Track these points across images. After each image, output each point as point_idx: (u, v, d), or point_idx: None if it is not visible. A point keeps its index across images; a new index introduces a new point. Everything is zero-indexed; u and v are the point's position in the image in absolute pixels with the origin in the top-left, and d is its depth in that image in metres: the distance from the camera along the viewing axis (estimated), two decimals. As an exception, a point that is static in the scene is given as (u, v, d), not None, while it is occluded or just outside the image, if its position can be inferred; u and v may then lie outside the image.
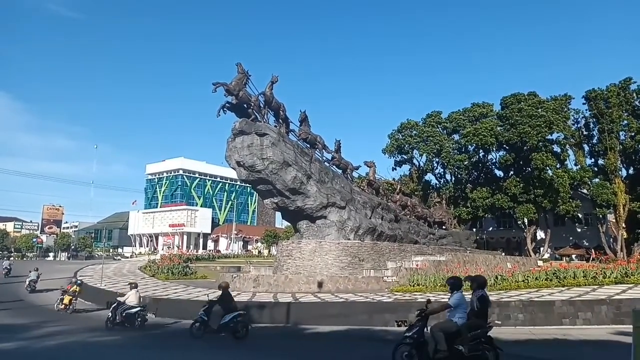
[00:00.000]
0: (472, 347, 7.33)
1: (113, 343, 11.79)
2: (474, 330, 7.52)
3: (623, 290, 14.76)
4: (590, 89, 53.61)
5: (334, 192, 22.12)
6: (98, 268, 29.35)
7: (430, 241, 36.58)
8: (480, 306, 7.70)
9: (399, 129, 62.32)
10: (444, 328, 7.63)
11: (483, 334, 7.54)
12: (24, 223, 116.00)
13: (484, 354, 7.38)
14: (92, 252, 77.31)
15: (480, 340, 7.48)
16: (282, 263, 21.29)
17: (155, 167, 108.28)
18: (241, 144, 19.34)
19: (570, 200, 51.08)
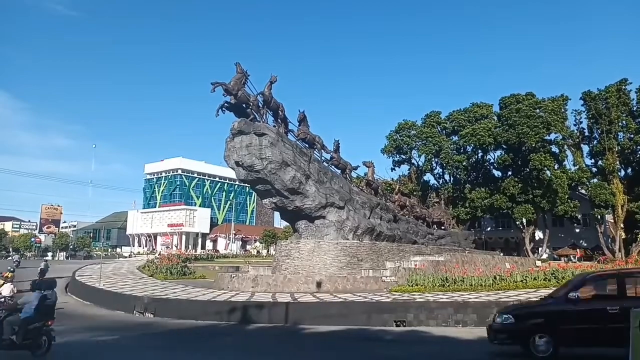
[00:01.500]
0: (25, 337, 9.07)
1: (112, 343, 11.78)
2: (32, 324, 9.16)
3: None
4: (587, 90, 53.79)
5: (333, 192, 22.13)
6: (97, 268, 29.29)
7: (429, 241, 36.61)
8: (42, 304, 9.40)
9: (396, 130, 62.43)
10: (10, 321, 9.20)
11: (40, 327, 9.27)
12: (22, 223, 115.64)
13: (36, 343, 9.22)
14: (90, 252, 77.15)
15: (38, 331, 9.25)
16: (280, 263, 21.29)
17: (154, 166, 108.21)
18: (240, 144, 19.34)
19: (569, 200, 51.22)
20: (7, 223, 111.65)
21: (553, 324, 8.90)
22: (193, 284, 22.36)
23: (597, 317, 8.62)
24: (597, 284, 9.42)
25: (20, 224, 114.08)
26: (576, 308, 8.82)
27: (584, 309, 8.80)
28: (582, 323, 8.74)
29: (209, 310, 16.09)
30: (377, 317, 14.16)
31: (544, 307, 9.77)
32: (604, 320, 8.50)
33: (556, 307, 9.29)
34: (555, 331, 8.81)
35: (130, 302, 18.54)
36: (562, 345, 8.88)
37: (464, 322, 13.44)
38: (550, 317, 9.05)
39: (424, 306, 14.25)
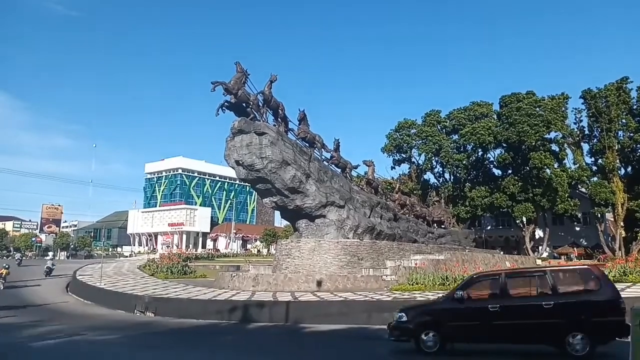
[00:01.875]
0: None
1: (112, 342, 11.81)
2: None
3: (622, 289, 14.71)
4: (587, 88, 53.76)
5: (333, 191, 22.15)
6: (97, 267, 29.35)
7: (429, 240, 36.64)
8: None
9: (396, 129, 62.46)
10: None
11: None
12: (23, 222, 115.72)
13: None
14: (91, 252, 77.19)
15: None
16: (281, 262, 21.32)
17: (154, 166, 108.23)
18: (240, 143, 19.36)
19: (569, 199, 51.24)
20: (8, 223, 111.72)
21: (440, 322, 9.35)
22: (194, 283, 22.42)
23: (479, 315, 9.04)
24: (482, 283, 9.81)
25: (21, 224, 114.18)
26: (461, 307, 9.25)
27: (468, 307, 9.23)
28: (465, 321, 9.20)
29: (210, 309, 16.13)
30: (378, 315, 14.17)
31: (433, 306, 10.46)
32: (486, 318, 8.90)
33: (443, 306, 9.85)
34: (442, 328, 9.26)
35: (131, 301, 18.58)
36: (448, 341, 9.33)
37: (464, 320, 13.44)
38: (438, 315, 9.53)
39: (424, 305, 14.27)
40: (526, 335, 8.89)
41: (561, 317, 8.49)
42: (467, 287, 9.72)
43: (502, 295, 9.17)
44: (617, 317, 8.33)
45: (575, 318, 8.46)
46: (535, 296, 9.09)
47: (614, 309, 8.43)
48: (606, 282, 9.00)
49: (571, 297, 8.84)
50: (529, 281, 9.54)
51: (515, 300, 9.16)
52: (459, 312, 9.28)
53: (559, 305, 8.54)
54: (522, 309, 8.97)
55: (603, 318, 8.42)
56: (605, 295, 8.63)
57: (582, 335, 8.30)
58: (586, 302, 8.65)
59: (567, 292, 9.06)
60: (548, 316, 8.54)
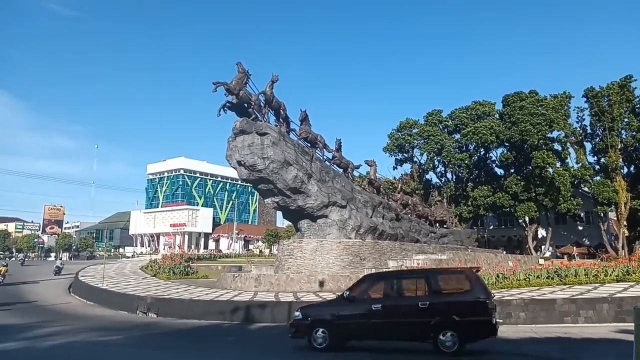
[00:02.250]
0: None
1: (115, 343, 11.80)
2: None
3: (625, 288, 14.74)
4: (589, 87, 53.59)
5: (335, 191, 22.12)
6: (100, 268, 29.39)
7: (432, 240, 36.58)
8: None
9: (398, 128, 62.42)
10: None
11: None
12: (26, 223, 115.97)
13: None
14: (93, 252, 77.38)
15: None
16: (283, 262, 21.30)
17: (156, 166, 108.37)
18: (242, 144, 19.35)
19: (572, 198, 51.11)
20: (10, 224, 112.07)
21: (329, 320, 9.88)
22: (196, 284, 22.41)
23: (364, 313, 9.60)
24: (369, 284, 10.31)
25: (24, 225, 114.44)
26: (348, 306, 9.85)
27: (355, 306, 9.79)
28: (352, 319, 9.77)
29: (212, 310, 16.12)
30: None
31: (325, 305, 11.34)
32: (370, 316, 9.49)
33: (333, 305, 10.59)
34: (331, 326, 9.77)
35: (133, 302, 18.59)
36: (337, 338, 9.77)
37: (467, 320, 13.41)
38: (328, 314, 10.11)
39: (426, 305, 14.22)
40: (404, 333, 9.48)
41: (434, 316, 9.04)
42: (355, 287, 10.32)
43: (385, 296, 9.83)
44: (484, 317, 8.96)
45: (446, 317, 8.98)
46: (414, 297, 9.59)
47: (482, 310, 8.97)
48: (478, 284, 9.44)
49: (444, 298, 9.42)
50: (410, 282, 10.09)
51: (396, 300, 9.76)
52: (347, 311, 9.84)
53: (432, 305, 9.11)
54: (401, 308, 9.57)
55: (471, 318, 8.97)
56: (474, 297, 9.12)
57: (452, 333, 8.86)
58: (457, 303, 9.24)
59: (442, 293, 9.60)
60: (423, 315, 9.10)
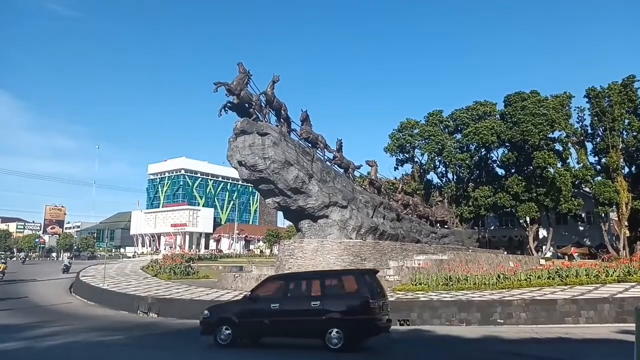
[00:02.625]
0: None
1: (115, 343, 11.81)
2: None
3: (626, 288, 14.74)
4: (591, 87, 53.49)
5: (336, 191, 22.11)
6: (100, 268, 29.42)
7: (433, 240, 36.55)
8: None
9: (399, 129, 62.35)
10: None
11: None
12: (27, 223, 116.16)
13: None
14: (94, 252, 77.45)
15: None
16: (284, 262, 21.29)
17: (157, 167, 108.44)
18: (243, 144, 19.35)
19: (573, 198, 51.02)
20: (11, 224, 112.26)
21: (233, 319, 10.60)
22: (196, 284, 22.43)
23: (264, 313, 10.37)
24: (271, 285, 11.14)
25: (25, 225, 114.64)
26: (251, 305, 10.63)
27: (256, 306, 10.55)
28: (253, 318, 10.50)
29: (213, 310, 16.09)
30: (381, 316, 14.15)
31: (230, 305, 12.28)
32: (269, 315, 10.28)
33: (237, 305, 11.51)
34: (234, 324, 10.51)
35: (134, 302, 18.62)
36: (240, 335, 10.55)
37: (468, 321, 13.42)
38: (232, 313, 10.85)
39: (427, 305, 14.25)
40: (298, 330, 10.27)
41: (324, 315, 9.77)
42: (257, 288, 11.16)
43: (283, 296, 10.56)
44: (368, 317, 9.65)
45: (333, 316, 9.71)
46: (307, 297, 10.28)
47: (366, 310, 9.64)
48: (365, 286, 10.01)
49: (333, 299, 10.10)
50: (305, 284, 10.73)
51: (292, 300, 10.51)
52: (249, 310, 10.61)
53: (323, 304, 9.88)
54: (296, 308, 10.27)
55: (356, 317, 9.66)
56: (360, 297, 9.80)
57: (338, 330, 9.58)
58: (344, 303, 9.94)
59: (332, 294, 10.31)
60: (314, 314, 9.86)
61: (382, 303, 10.00)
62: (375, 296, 9.86)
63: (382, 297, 10.27)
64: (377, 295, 9.97)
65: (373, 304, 9.63)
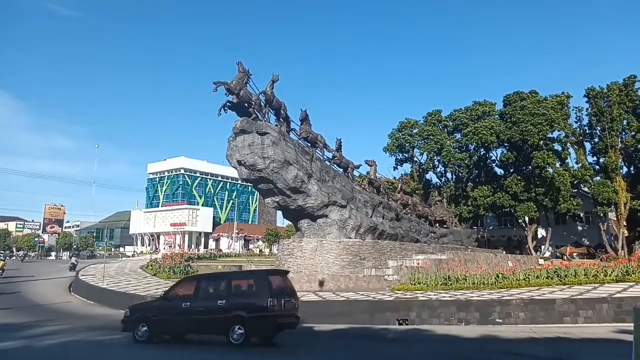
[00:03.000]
0: None
1: (115, 342, 11.82)
2: None
3: (624, 288, 14.77)
4: (591, 87, 53.52)
5: (335, 191, 22.13)
6: (100, 267, 29.42)
7: (431, 240, 36.58)
8: None
9: (398, 128, 62.36)
10: None
11: None
12: (26, 222, 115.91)
13: None
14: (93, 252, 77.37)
15: None
16: (283, 262, 21.31)
17: (157, 166, 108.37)
18: (242, 143, 19.35)
19: (571, 198, 51.05)
20: (10, 223, 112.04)
21: (150, 317, 11.34)
22: (196, 283, 22.39)
23: (177, 311, 11.07)
24: (185, 285, 11.88)
25: (24, 224, 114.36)
26: (166, 304, 11.41)
27: (170, 305, 11.28)
28: (168, 316, 11.20)
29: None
30: (380, 315, 14.19)
31: (148, 303, 12.97)
32: (181, 313, 10.97)
33: (154, 304, 12.15)
34: (151, 322, 11.23)
35: (134, 301, 18.54)
36: (155, 332, 11.25)
37: (467, 320, 13.45)
38: (149, 311, 11.59)
39: (426, 305, 14.27)
40: (207, 327, 10.94)
41: (229, 313, 10.45)
42: (172, 288, 11.96)
43: (194, 295, 11.15)
44: (266, 315, 10.25)
45: (236, 314, 10.37)
46: (215, 296, 10.93)
47: (264, 309, 10.23)
48: (265, 286, 10.64)
49: (237, 298, 10.75)
50: (214, 284, 11.47)
51: (202, 299, 11.03)
52: (164, 308, 11.35)
53: (228, 303, 10.53)
54: (204, 306, 10.87)
55: (256, 315, 10.30)
56: (260, 298, 10.42)
57: (240, 327, 10.29)
58: (245, 302, 10.56)
59: (236, 293, 11.00)
60: (220, 312, 10.54)
61: (284, 302, 10.53)
62: (276, 296, 10.42)
63: (286, 296, 10.77)
64: (279, 295, 10.54)
65: (272, 303, 10.21)
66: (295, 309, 11.11)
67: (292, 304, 10.88)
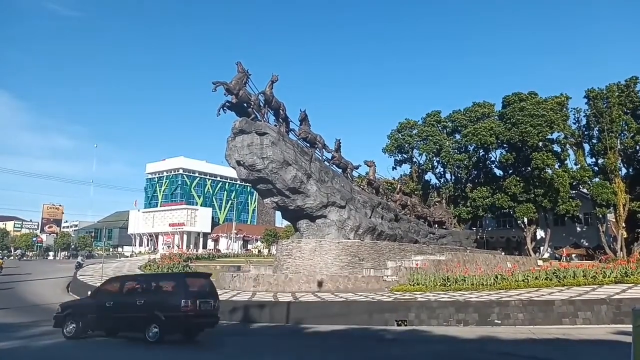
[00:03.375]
0: None
1: (113, 342, 11.79)
2: None
3: (623, 289, 14.75)
4: (591, 88, 53.58)
5: (334, 191, 22.12)
6: (98, 267, 29.37)
7: (430, 241, 36.59)
8: None
9: (398, 129, 62.39)
10: None
11: None
12: (24, 222, 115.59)
13: None
14: (92, 252, 77.24)
15: None
16: (282, 262, 21.29)
17: (155, 166, 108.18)
18: (241, 143, 19.35)
19: (570, 199, 51.10)
20: (8, 222, 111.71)
21: (78, 314, 11.98)
22: (194, 284, 22.35)
23: (102, 309, 11.62)
24: (111, 284, 12.62)
25: (22, 224, 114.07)
26: (93, 302, 12.06)
27: (96, 303, 11.89)
28: (94, 313, 11.80)
29: (210, 309, 16.06)
30: (379, 316, 14.16)
31: (78, 301, 13.96)
32: (105, 311, 11.59)
33: (82, 302, 12.96)
34: (79, 319, 11.85)
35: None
36: (83, 329, 11.86)
37: (466, 321, 13.43)
38: (78, 309, 12.31)
39: (425, 305, 14.24)
40: (127, 325, 11.57)
41: (145, 312, 11.05)
42: (99, 287, 12.66)
43: (118, 294, 11.87)
44: (180, 315, 10.83)
45: (153, 313, 10.97)
46: (135, 296, 11.58)
47: (178, 309, 10.79)
48: (181, 288, 11.31)
49: (154, 298, 11.30)
50: (136, 284, 12.24)
51: (123, 298, 11.68)
52: (91, 307, 11.96)
53: (146, 303, 11.15)
54: (125, 305, 11.46)
55: (169, 314, 10.86)
56: (176, 299, 10.95)
57: (155, 325, 10.91)
58: (161, 302, 11.10)
59: (154, 294, 11.52)
60: (139, 311, 11.13)
61: (199, 303, 11.08)
62: (191, 297, 10.97)
63: (203, 298, 11.34)
64: (195, 297, 11.09)
65: (185, 304, 10.79)
66: (214, 310, 11.73)
67: (209, 305, 11.49)
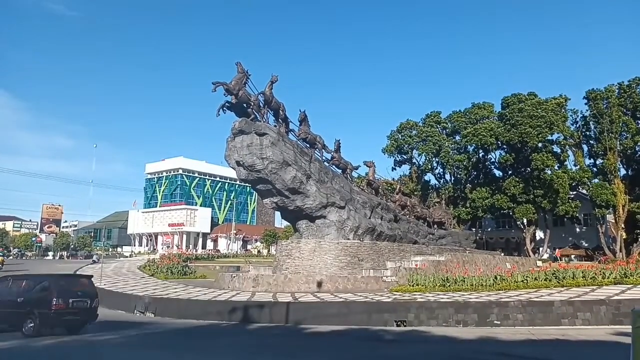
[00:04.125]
0: None
1: (112, 342, 11.79)
2: None
3: (622, 290, 14.77)
4: (591, 89, 53.59)
5: (334, 191, 22.12)
6: (97, 267, 29.35)
7: (430, 241, 36.59)
8: None
9: (398, 129, 62.37)
10: None
11: None
12: (23, 222, 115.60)
13: None
14: (91, 252, 77.19)
15: None
16: (281, 263, 21.28)
17: (155, 166, 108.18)
18: (241, 144, 19.34)
19: (570, 200, 51.12)
20: (8, 222, 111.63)
21: None
22: (194, 284, 22.39)
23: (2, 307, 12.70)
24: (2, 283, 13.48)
25: (21, 224, 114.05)
26: None
27: None
28: None
29: (210, 310, 16.11)
30: (378, 317, 14.16)
31: None
32: None
33: None
34: None
35: (131, 301, 18.58)
36: None
37: (465, 322, 13.43)
38: None
39: (424, 306, 14.25)
40: (9, 320, 12.62)
41: (24, 308, 12.29)
42: None
43: (2, 292, 12.84)
44: (52, 312, 11.91)
45: (30, 310, 12.20)
46: (16, 294, 12.67)
47: (50, 306, 11.90)
48: (55, 287, 12.41)
49: (31, 296, 12.44)
50: (19, 283, 13.18)
51: (6, 295, 12.71)
52: None
53: (24, 300, 12.36)
54: (7, 302, 12.54)
55: (43, 312, 11.98)
56: (47, 296, 12.09)
57: (31, 321, 12.12)
58: (37, 300, 12.21)
59: (32, 292, 12.58)
60: (19, 308, 12.35)
61: (72, 302, 12.27)
62: (63, 296, 12.14)
63: (78, 297, 12.54)
64: (69, 296, 12.28)
65: (56, 302, 11.93)
66: (91, 308, 12.83)
67: (84, 304, 12.63)
